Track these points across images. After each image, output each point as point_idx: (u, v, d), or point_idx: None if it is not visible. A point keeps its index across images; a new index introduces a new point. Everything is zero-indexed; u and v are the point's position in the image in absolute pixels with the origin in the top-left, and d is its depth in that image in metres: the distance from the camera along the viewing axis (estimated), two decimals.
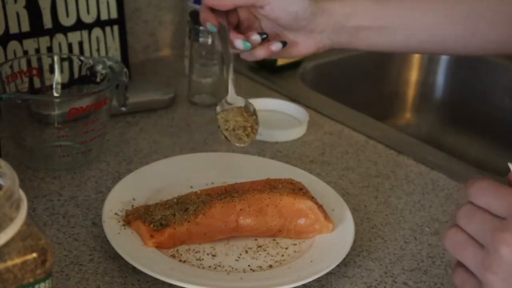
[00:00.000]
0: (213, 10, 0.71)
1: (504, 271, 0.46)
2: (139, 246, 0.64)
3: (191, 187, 0.74)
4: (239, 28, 0.74)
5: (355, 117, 1.00)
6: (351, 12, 0.73)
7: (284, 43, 0.72)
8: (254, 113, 0.71)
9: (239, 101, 0.72)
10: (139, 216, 0.66)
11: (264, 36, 0.71)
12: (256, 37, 0.71)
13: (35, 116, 0.74)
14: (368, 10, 0.74)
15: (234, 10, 0.73)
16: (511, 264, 0.46)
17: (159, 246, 0.64)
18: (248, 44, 0.71)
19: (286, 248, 0.67)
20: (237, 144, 0.69)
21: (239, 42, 0.70)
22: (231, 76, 0.72)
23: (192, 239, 0.65)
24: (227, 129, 0.69)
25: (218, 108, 0.71)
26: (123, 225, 0.66)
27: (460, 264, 0.49)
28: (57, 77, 0.83)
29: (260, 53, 0.72)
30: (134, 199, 0.71)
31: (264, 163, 0.81)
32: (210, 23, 0.70)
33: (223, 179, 0.75)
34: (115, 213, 0.67)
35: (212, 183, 0.75)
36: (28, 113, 0.74)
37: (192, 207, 0.66)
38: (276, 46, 0.71)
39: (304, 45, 0.74)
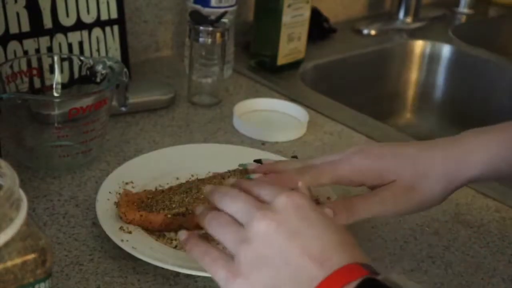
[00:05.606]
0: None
1: (257, 241, 0.49)
2: (133, 232, 0.65)
3: (192, 175, 0.76)
4: None
5: (355, 117, 1.00)
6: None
7: None
8: None
9: None
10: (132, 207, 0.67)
11: None
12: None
13: (35, 116, 0.74)
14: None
15: None
16: (265, 234, 0.49)
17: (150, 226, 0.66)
18: None
19: None
20: None
21: None
22: None
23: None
24: None
25: None
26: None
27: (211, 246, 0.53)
28: (57, 77, 0.83)
29: None
30: (132, 182, 0.73)
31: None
32: None
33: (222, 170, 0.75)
34: (108, 198, 0.70)
35: (209, 172, 0.76)
36: (28, 113, 0.74)
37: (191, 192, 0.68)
38: None
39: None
